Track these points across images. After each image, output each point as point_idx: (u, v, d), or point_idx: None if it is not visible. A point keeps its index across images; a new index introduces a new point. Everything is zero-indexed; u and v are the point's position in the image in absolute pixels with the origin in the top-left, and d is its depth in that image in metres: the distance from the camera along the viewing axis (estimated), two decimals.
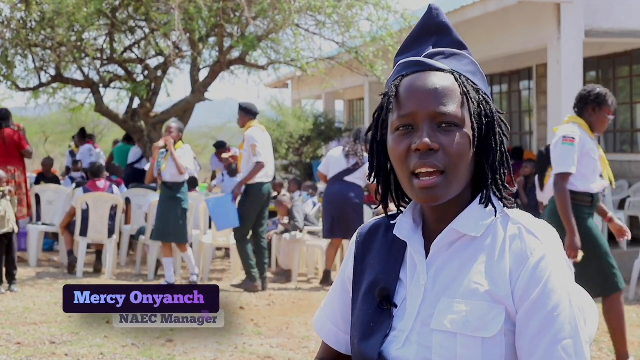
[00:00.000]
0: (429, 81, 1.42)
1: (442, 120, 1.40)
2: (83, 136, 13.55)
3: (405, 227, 1.49)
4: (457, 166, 1.39)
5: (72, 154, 13.84)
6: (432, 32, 1.51)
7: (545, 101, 11.43)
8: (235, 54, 10.95)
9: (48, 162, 12.12)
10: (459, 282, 1.40)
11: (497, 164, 1.45)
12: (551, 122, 9.84)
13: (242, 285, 7.96)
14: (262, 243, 8.07)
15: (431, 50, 1.48)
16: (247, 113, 8.07)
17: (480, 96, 1.46)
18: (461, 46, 1.50)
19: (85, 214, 8.76)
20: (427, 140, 1.38)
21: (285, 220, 9.23)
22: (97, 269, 9.04)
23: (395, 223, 1.52)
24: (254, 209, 7.94)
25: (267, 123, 17.66)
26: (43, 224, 9.86)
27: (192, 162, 8.17)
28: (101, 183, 9.13)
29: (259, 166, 7.80)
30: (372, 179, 1.53)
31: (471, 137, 1.41)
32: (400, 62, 1.49)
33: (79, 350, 5.39)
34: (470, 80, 1.46)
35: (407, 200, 1.54)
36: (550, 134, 9.73)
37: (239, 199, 7.97)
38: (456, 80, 1.43)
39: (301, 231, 8.70)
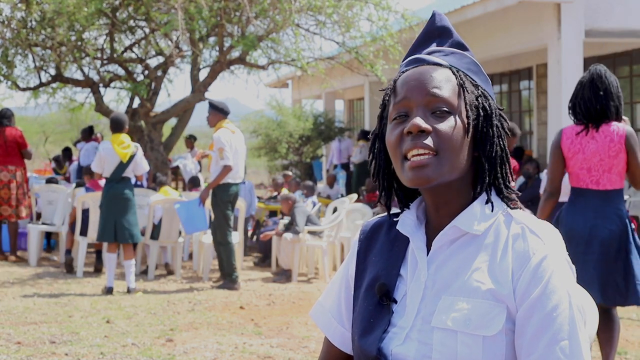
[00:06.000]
0: (425, 71, 1.44)
1: (436, 106, 1.40)
2: (90, 133, 13.53)
3: (409, 223, 1.49)
4: (450, 150, 1.39)
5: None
6: (434, 36, 1.53)
7: (545, 101, 11.43)
8: (235, 53, 10.95)
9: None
10: (460, 280, 1.40)
11: (497, 158, 1.45)
12: (551, 122, 9.84)
13: (222, 286, 8.02)
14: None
15: (431, 48, 1.51)
16: (218, 111, 8.05)
17: (479, 91, 1.46)
18: (462, 47, 1.52)
19: (86, 213, 8.76)
20: (418, 120, 1.38)
21: (286, 220, 9.23)
22: (97, 269, 9.04)
23: (397, 220, 1.52)
24: (225, 210, 7.96)
25: (267, 123, 17.68)
26: (43, 223, 9.87)
27: (97, 165, 7.86)
28: (103, 182, 9.11)
29: (226, 169, 7.83)
30: (374, 177, 1.54)
31: (465, 125, 1.41)
32: (402, 62, 1.52)
33: (79, 350, 5.39)
34: (469, 77, 1.47)
35: (408, 198, 1.55)
36: (550, 134, 9.73)
37: (209, 202, 8.03)
38: (453, 74, 1.44)
39: (299, 234, 8.69)
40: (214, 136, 7.95)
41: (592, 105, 4.14)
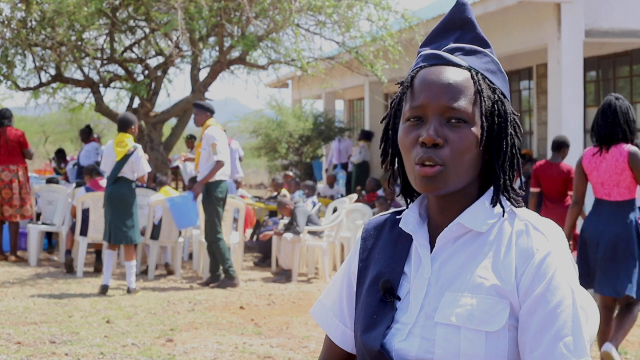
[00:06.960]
0: (444, 75, 1.42)
1: (451, 115, 1.40)
2: (88, 134, 13.49)
3: (411, 221, 1.50)
4: (459, 163, 1.40)
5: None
6: (456, 27, 1.51)
7: (545, 101, 11.43)
8: (235, 53, 10.95)
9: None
10: (464, 276, 1.40)
11: (507, 165, 1.45)
12: (551, 122, 9.85)
13: (221, 285, 8.03)
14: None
15: (452, 45, 1.48)
16: (205, 110, 8.16)
17: (496, 96, 1.45)
18: (484, 44, 1.50)
19: (86, 213, 8.75)
20: (432, 134, 1.39)
21: (286, 220, 9.22)
22: (97, 269, 9.04)
23: (400, 218, 1.53)
24: (217, 206, 7.99)
25: (267, 123, 17.66)
26: (43, 223, 9.87)
27: (103, 163, 7.94)
28: (103, 182, 9.11)
29: (219, 164, 7.89)
30: (383, 166, 1.55)
31: (479, 136, 1.41)
32: (421, 53, 1.50)
33: (79, 350, 5.39)
34: (488, 79, 1.45)
35: (414, 192, 1.55)
36: (550, 134, 9.73)
37: (200, 198, 8.04)
38: (472, 77, 1.43)
39: (300, 234, 8.69)
40: (205, 133, 8.00)
41: (602, 130, 4.90)
